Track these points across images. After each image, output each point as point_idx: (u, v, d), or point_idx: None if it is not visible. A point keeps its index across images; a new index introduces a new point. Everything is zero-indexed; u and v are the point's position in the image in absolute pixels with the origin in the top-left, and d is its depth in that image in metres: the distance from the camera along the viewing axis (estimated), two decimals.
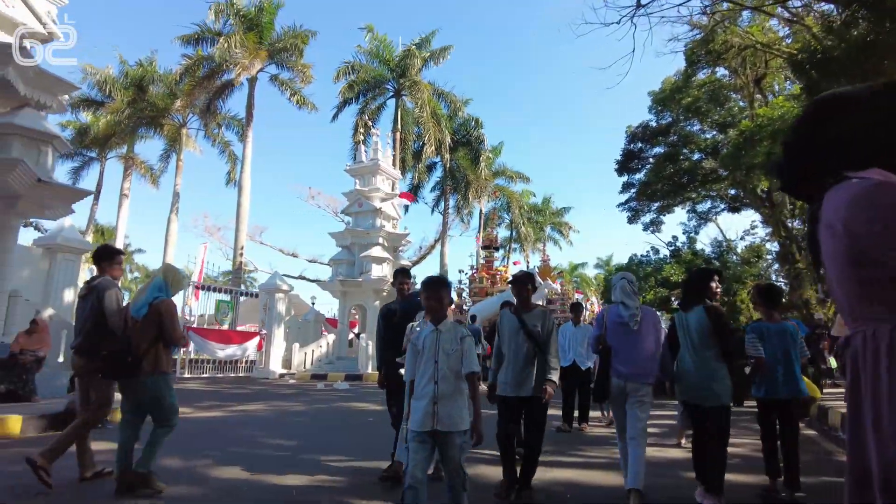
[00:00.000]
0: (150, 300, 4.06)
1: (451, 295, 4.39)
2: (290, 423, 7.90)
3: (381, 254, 18.72)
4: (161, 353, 4.06)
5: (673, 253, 32.77)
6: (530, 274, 4.36)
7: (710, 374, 3.86)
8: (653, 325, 4.04)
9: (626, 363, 3.96)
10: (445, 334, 3.03)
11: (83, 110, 28.13)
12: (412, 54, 25.73)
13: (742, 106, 25.40)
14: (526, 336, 4.04)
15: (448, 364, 2.95)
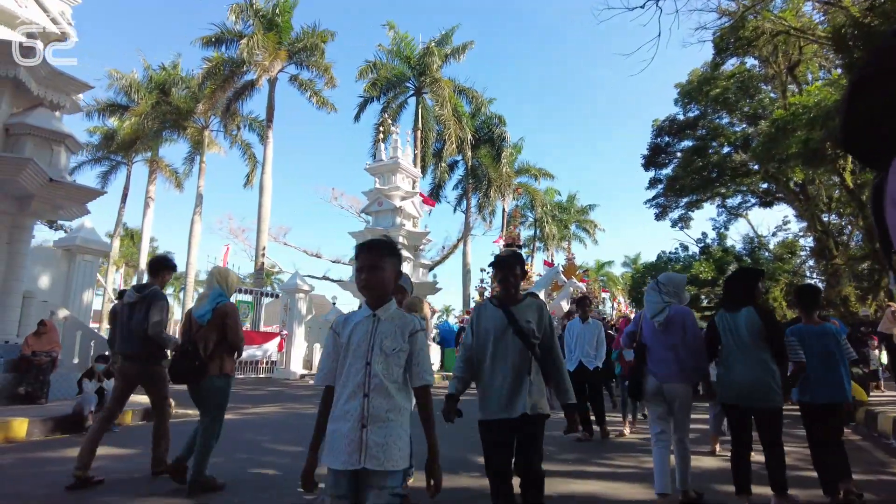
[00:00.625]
0: (213, 305, 4.20)
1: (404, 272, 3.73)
2: (300, 427, 7.64)
3: (402, 253, 18.43)
4: (225, 356, 4.23)
5: (702, 250, 31.93)
6: (517, 254, 3.28)
7: (764, 377, 3.69)
8: (681, 326, 3.96)
9: (658, 363, 4.01)
10: (386, 324, 2.09)
11: (109, 115, 28.61)
12: (432, 52, 25.45)
13: (773, 97, 24.47)
14: (517, 337, 2.95)
15: (386, 369, 2.03)
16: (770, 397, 3.67)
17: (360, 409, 1.97)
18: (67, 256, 12.01)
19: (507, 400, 2.88)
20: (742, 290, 3.97)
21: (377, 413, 1.97)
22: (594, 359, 6.94)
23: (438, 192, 32.68)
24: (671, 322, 3.97)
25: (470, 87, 28.48)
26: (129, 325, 4.51)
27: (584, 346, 6.94)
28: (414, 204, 19.76)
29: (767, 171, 22.16)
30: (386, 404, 1.99)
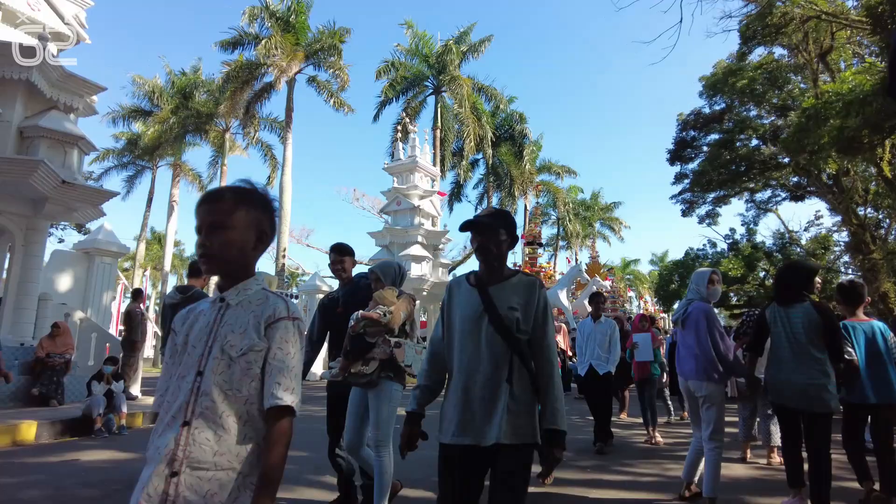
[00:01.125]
0: None
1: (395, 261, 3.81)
2: (300, 432, 7.46)
3: (421, 252, 18.26)
4: None
5: (731, 246, 31.03)
6: (502, 213, 2.30)
7: (820, 379, 3.52)
8: (694, 322, 3.93)
9: (680, 360, 4.09)
10: (236, 312, 1.38)
11: (133, 120, 29.05)
12: (450, 49, 25.18)
13: (803, 88, 23.60)
14: (493, 328, 2.05)
15: (228, 382, 1.30)
16: (824, 401, 3.50)
17: (171, 447, 1.24)
18: (86, 259, 12.06)
19: (475, 419, 2.01)
20: (798, 286, 3.79)
21: (197, 455, 1.24)
22: (605, 362, 6.08)
23: (460, 191, 32.46)
24: (689, 319, 4.00)
25: (489, 84, 28.13)
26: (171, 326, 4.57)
27: (595, 349, 6.10)
28: (433, 203, 19.58)
29: (798, 164, 21.33)
30: (215, 442, 1.25)
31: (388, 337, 3.33)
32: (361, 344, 3.32)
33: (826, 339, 3.56)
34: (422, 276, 17.92)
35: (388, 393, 3.37)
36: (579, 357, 6.44)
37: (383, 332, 3.32)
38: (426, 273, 18.23)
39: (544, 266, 20.75)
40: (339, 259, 3.92)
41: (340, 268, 3.92)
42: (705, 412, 3.84)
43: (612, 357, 6.11)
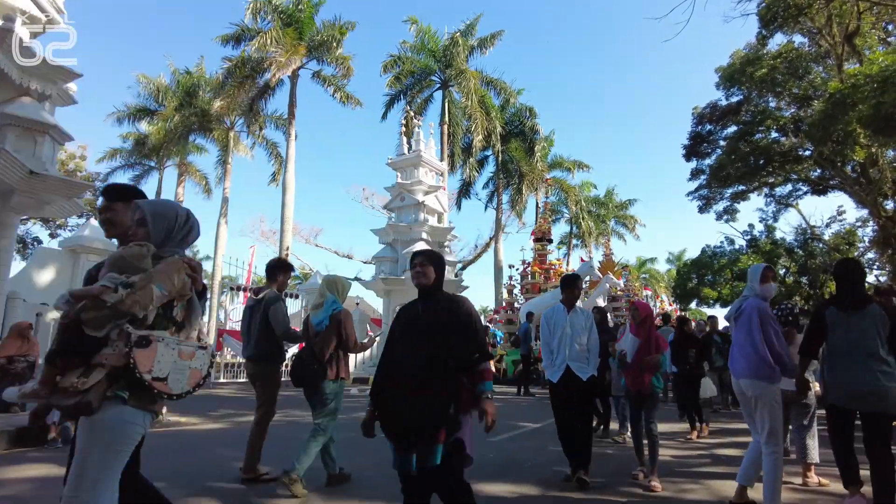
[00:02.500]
0: (329, 312, 4.33)
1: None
2: (284, 439, 6.82)
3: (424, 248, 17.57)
4: (342, 360, 4.37)
5: (750, 243, 29.94)
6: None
7: (884, 381, 3.45)
8: (747, 319, 3.83)
9: (732, 358, 3.99)
10: None
11: (139, 120, 28.78)
12: (456, 42, 24.52)
13: (825, 78, 22.56)
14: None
15: None
16: (889, 401, 3.46)
17: None
18: (72, 257, 11.61)
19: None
20: (860, 286, 3.81)
21: None
22: (587, 364, 4.69)
23: (469, 188, 31.80)
24: (742, 315, 3.90)
25: (498, 77, 27.40)
26: (248, 328, 4.70)
27: (573, 346, 4.70)
28: (438, 199, 18.89)
29: (822, 154, 20.33)
30: None
31: (127, 327, 1.89)
32: (75, 341, 1.88)
33: (890, 342, 3.52)
34: None
35: (108, 428, 1.91)
36: (546, 357, 4.88)
37: (112, 318, 1.88)
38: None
39: (554, 263, 19.95)
40: (106, 206, 2.49)
41: (108, 219, 2.48)
42: (760, 414, 3.73)
43: (592, 358, 4.75)
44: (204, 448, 6.15)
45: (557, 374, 4.67)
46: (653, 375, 4.81)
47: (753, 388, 3.73)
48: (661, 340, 4.97)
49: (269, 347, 4.63)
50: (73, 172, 29.64)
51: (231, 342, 15.18)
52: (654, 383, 4.82)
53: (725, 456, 5.81)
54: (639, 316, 4.97)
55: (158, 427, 7.49)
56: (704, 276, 29.27)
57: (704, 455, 5.89)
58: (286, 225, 21.80)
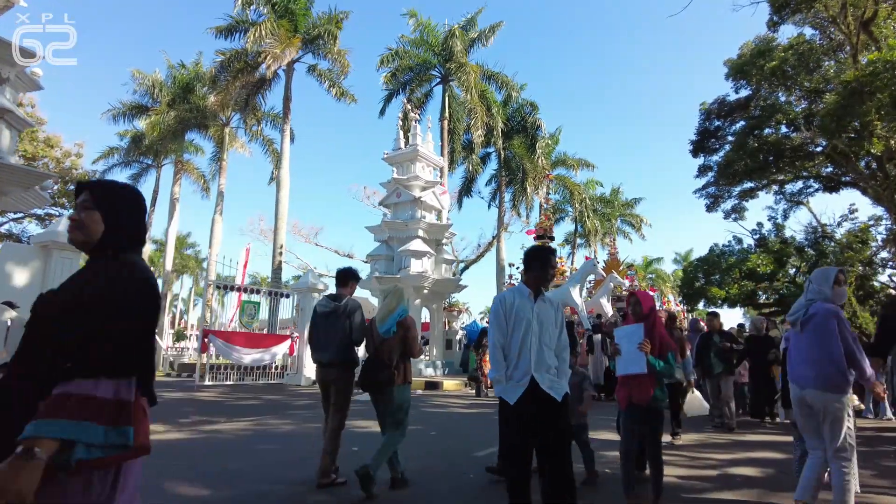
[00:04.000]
0: (396, 320, 4.52)
1: None
2: (250, 452, 6.18)
3: (421, 247, 16.93)
4: (408, 365, 4.61)
5: (759, 242, 29.10)
6: None
7: None
8: (820, 325, 3.47)
9: (795, 367, 3.66)
10: None
11: (135, 117, 28.27)
12: (454, 34, 23.85)
13: (838, 71, 21.75)
14: None
15: None
16: None
17: None
18: (44, 253, 11.03)
19: None
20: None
21: None
22: (558, 377, 3.21)
23: (471, 186, 31.17)
24: (811, 320, 3.54)
25: (499, 71, 26.68)
26: (325, 333, 4.75)
27: (542, 350, 3.18)
28: (435, 194, 18.24)
29: (835, 149, 19.53)
30: None
31: None
32: None
33: None
34: (422, 272, 16.59)
35: None
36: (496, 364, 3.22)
37: None
38: (427, 269, 16.90)
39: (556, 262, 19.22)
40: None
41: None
42: (830, 427, 3.41)
43: (564, 368, 3.29)
44: (166, 460, 5.49)
45: (517, 391, 3.05)
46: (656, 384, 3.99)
47: (823, 400, 3.42)
48: (668, 339, 4.16)
49: (352, 354, 4.76)
50: (69, 170, 29.23)
51: (218, 343, 14.58)
52: (657, 395, 3.98)
53: (741, 477, 5.10)
54: (641, 310, 4.13)
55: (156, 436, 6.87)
56: (712, 276, 28.50)
57: (715, 476, 5.18)
58: (280, 222, 21.20)
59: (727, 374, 8.13)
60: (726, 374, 8.13)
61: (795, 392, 3.61)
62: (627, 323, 4.28)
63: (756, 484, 4.77)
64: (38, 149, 27.49)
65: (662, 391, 4.06)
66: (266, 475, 4.94)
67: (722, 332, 8.62)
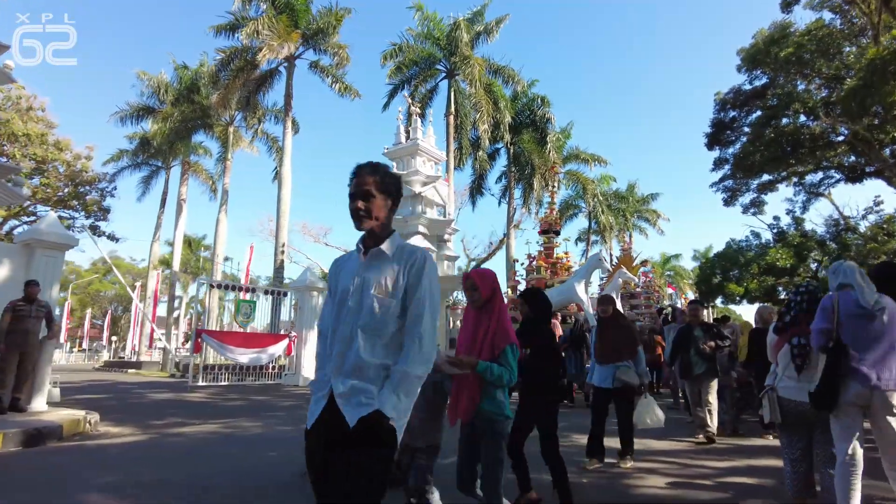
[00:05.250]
0: None
1: None
2: (199, 458, 5.75)
3: (422, 243, 16.43)
4: None
5: (778, 235, 28.09)
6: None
7: None
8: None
9: (876, 366, 3.23)
10: None
11: (142, 119, 28.27)
12: (459, 26, 23.35)
13: (858, 58, 20.78)
14: None
15: None
16: None
17: None
18: (26, 251, 10.75)
19: None
20: None
21: None
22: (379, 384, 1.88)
23: (481, 183, 30.67)
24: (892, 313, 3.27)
25: (506, 65, 26.09)
26: None
27: (352, 340, 1.91)
28: (437, 190, 17.73)
29: (857, 135, 18.63)
30: None
31: None
32: None
33: None
34: None
35: None
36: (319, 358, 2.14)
37: None
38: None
39: (561, 257, 18.58)
40: None
41: None
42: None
43: (403, 368, 1.90)
44: (117, 465, 5.07)
45: (315, 410, 1.93)
46: (481, 392, 3.01)
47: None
48: (506, 329, 3.10)
49: None
50: (79, 173, 29.36)
51: (212, 343, 14.28)
52: (487, 408, 3.03)
53: (738, 487, 4.52)
54: (479, 296, 3.13)
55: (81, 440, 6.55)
56: (729, 272, 27.59)
57: (707, 486, 4.61)
58: (282, 220, 20.90)
59: (710, 375, 6.72)
60: (709, 376, 6.71)
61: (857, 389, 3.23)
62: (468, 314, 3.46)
63: (754, 495, 4.20)
64: (49, 152, 27.60)
65: (494, 402, 3.03)
66: (194, 485, 4.49)
67: (705, 324, 7.14)
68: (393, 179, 2.09)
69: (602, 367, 5.32)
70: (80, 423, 7.13)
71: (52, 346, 8.66)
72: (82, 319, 48.69)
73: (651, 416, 5.30)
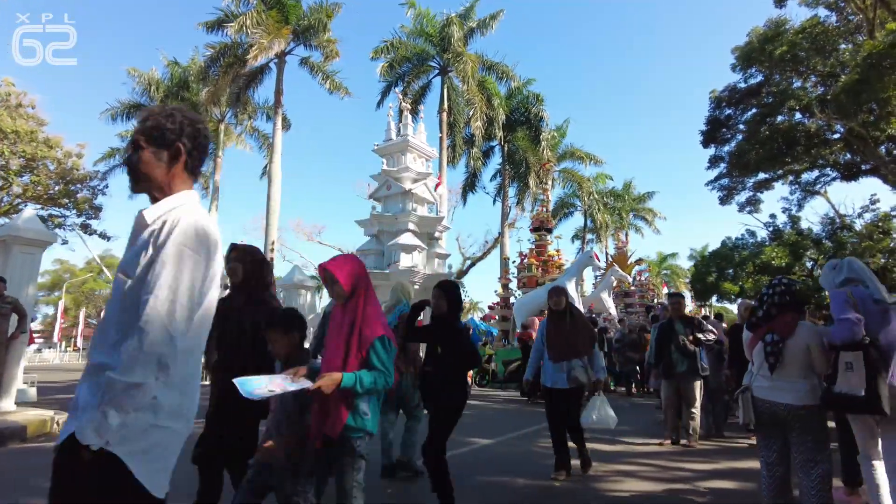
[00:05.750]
0: (398, 314, 4.82)
1: None
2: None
3: (412, 241, 16.26)
4: (416, 356, 4.83)
5: (773, 234, 27.95)
6: None
7: None
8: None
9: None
10: None
11: (133, 117, 28.00)
12: (451, 22, 23.14)
13: (854, 55, 20.58)
14: None
15: None
16: None
17: None
18: (3, 248, 10.54)
19: None
20: None
21: None
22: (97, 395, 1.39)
23: (474, 181, 30.48)
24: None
25: (499, 61, 25.88)
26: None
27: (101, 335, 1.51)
28: (428, 186, 17.54)
29: (852, 132, 18.43)
30: None
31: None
32: None
33: None
34: (412, 266, 15.90)
35: None
36: None
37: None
38: (417, 264, 16.21)
39: (553, 254, 18.39)
40: None
41: None
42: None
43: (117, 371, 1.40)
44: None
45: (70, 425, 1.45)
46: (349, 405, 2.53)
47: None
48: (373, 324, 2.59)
49: None
50: (70, 171, 29.07)
51: None
52: (348, 423, 2.52)
53: (716, 491, 4.32)
54: (341, 289, 2.62)
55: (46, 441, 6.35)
56: (725, 270, 27.45)
57: (683, 490, 4.41)
58: (272, 217, 20.65)
59: (692, 375, 6.28)
60: (691, 376, 6.28)
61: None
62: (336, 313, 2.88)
63: (732, 499, 4.01)
64: (38, 150, 27.32)
65: (357, 415, 2.54)
66: None
67: (686, 318, 6.58)
68: (165, 122, 1.57)
69: (554, 366, 4.82)
70: (46, 423, 6.93)
71: (21, 343, 8.43)
72: (76, 319, 48.44)
73: (601, 416, 4.87)
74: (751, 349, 3.42)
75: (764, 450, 3.33)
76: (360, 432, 2.54)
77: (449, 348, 3.56)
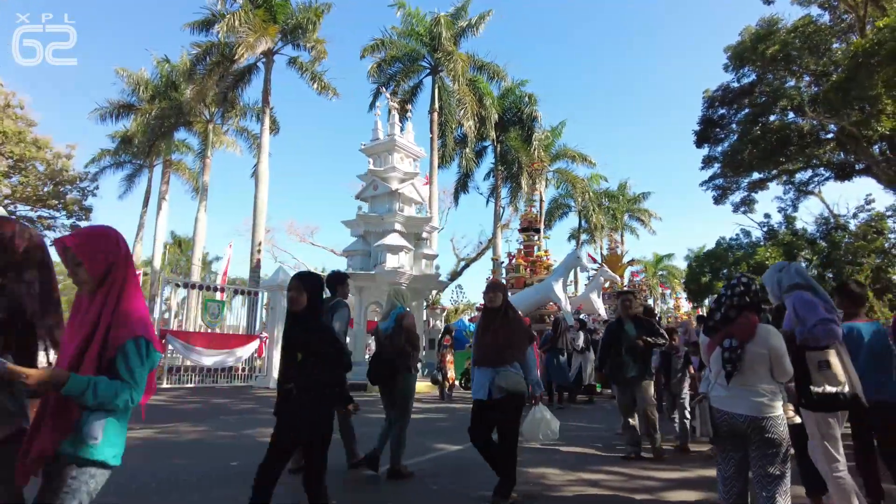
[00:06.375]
0: (395, 317, 4.91)
1: None
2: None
3: (398, 241, 16.04)
4: (414, 356, 4.94)
5: (768, 234, 27.77)
6: None
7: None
8: None
9: None
10: None
11: (123, 117, 27.79)
12: (439, 21, 22.97)
13: (846, 54, 20.44)
14: None
15: None
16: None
17: None
18: None
19: None
20: None
21: None
22: None
23: (467, 181, 30.32)
24: None
25: (490, 61, 25.70)
26: None
27: None
28: (415, 186, 17.32)
29: (843, 131, 18.27)
30: None
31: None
32: None
33: None
34: (398, 267, 15.68)
35: None
36: None
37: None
38: (405, 265, 15.99)
39: (541, 255, 18.19)
40: None
41: None
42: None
43: None
44: None
45: None
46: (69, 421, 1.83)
47: None
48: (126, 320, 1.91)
49: None
50: (59, 172, 28.84)
51: (177, 344, 13.83)
52: (67, 451, 1.80)
53: (679, 502, 4.11)
54: (85, 273, 1.91)
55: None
56: (719, 271, 27.28)
57: (639, 501, 4.20)
58: (259, 218, 20.45)
59: (643, 378, 5.73)
60: (643, 380, 5.72)
61: None
62: None
63: None
64: (27, 150, 27.08)
65: (79, 440, 1.82)
66: None
67: (638, 318, 6.01)
68: None
69: (481, 372, 4.15)
70: None
71: None
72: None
73: (544, 431, 4.24)
74: (708, 355, 3.20)
75: (722, 462, 3.11)
76: (84, 463, 1.81)
77: (312, 355, 3.00)
